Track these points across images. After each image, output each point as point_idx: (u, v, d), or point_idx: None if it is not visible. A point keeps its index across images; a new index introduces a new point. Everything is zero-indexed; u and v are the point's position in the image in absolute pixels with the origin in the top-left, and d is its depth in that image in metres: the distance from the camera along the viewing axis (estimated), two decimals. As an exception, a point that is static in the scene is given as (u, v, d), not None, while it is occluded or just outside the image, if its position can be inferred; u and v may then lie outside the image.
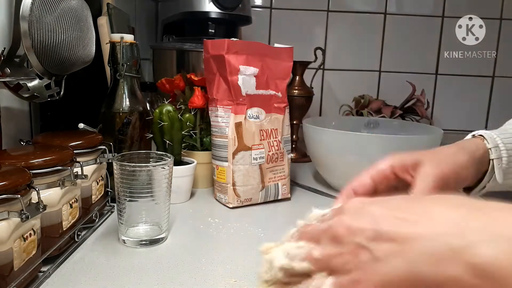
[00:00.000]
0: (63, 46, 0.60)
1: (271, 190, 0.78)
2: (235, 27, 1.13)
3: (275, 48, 0.81)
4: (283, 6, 1.35)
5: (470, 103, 1.42)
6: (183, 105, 0.82)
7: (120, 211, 0.59)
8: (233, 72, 0.74)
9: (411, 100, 1.24)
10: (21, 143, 0.62)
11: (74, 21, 0.62)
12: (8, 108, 0.68)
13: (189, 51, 0.99)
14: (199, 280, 0.50)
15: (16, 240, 0.43)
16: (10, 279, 0.42)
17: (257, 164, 0.76)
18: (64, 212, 0.54)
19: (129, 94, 0.74)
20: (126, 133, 0.73)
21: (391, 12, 1.36)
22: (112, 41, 0.73)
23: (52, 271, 0.50)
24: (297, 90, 1.10)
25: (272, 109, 0.79)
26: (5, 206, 0.41)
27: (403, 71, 1.39)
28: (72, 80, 0.68)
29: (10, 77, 0.60)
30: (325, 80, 1.40)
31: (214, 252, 0.58)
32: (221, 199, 0.77)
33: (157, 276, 0.51)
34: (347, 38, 1.38)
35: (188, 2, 1.04)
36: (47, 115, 0.76)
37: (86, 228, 0.62)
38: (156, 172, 0.59)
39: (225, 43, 0.73)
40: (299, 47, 0.93)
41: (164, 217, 0.61)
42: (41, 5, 0.56)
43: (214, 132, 0.78)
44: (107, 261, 0.54)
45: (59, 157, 0.52)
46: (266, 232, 0.65)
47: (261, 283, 0.35)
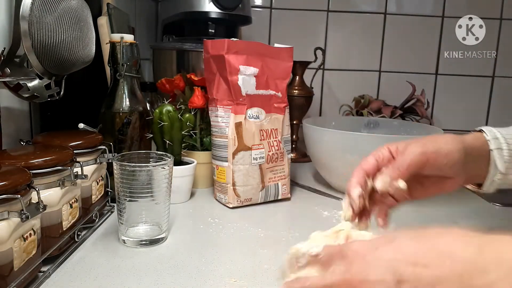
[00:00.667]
0: (63, 46, 0.60)
1: (271, 190, 0.78)
2: (235, 27, 1.13)
3: (275, 48, 0.81)
4: (283, 6, 1.35)
5: (470, 103, 1.42)
6: (183, 105, 0.82)
7: (120, 211, 0.59)
8: (233, 72, 0.74)
9: (411, 100, 1.24)
10: (21, 143, 0.62)
11: (74, 21, 0.62)
12: (8, 108, 0.68)
13: (189, 51, 0.99)
14: (199, 280, 0.50)
15: (16, 240, 0.43)
16: (10, 279, 0.42)
17: (257, 164, 0.76)
18: (64, 212, 0.54)
19: (129, 94, 0.74)
20: (126, 133, 0.73)
21: (391, 12, 1.36)
22: (112, 41, 0.73)
23: (52, 271, 0.50)
24: (297, 90, 1.10)
25: (272, 109, 0.79)
26: (5, 206, 0.41)
27: (403, 71, 1.39)
28: (72, 80, 0.68)
29: (10, 77, 0.60)
30: (325, 80, 1.40)
31: (214, 252, 0.58)
32: (221, 199, 0.77)
33: (157, 276, 0.51)
34: (347, 38, 1.38)
35: (188, 2, 1.04)
36: (47, 115, 0.76)
37: (86, 228, 0.62)
38: (156, 172, 0.59)
39: (225, 43, 0.73)
40: (299, 47, 0.93)
41: (164, 217, 0.61)
42: (41, 5, 0.56)
43: (214, 132, 0.78)
44: (107, 261, 0.54)
45: (59, 157, 0.52)
46: (266, 232, 0.65)
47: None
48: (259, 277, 0.51)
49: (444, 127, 1.22)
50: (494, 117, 1.43)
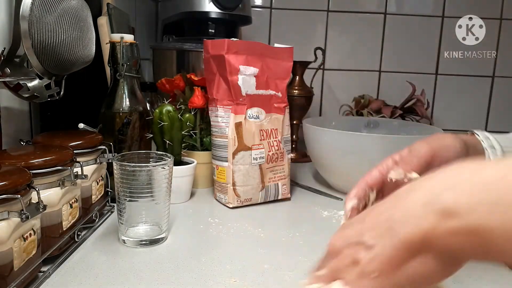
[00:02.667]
0: (63, 46, 0.60)
1: (271, 190, 0.78)
2: (235, 27, 1.13)
3: (275, 48, 0.81)
4: (283, 6, 1.35)
5: (470, 103, 1.42)
6: (183, 105, 0.82)
7: (120, 211, 0.59)
8: (233, 72, 0.74)
9: (411, 100, 1.24)
10: (21, 143, 0.62)
11: (74, 21, 0.62)
12: (8, 108, 0.68)
13: (189, 51, 0.99)
14: (199, 280, 0.50)
15: (16, 240, 0.43)
16: (10, 279, 0.42)
17: (257, 164, 0.76)
18: (64, 212, 0.54)
19: (129, 94, 0.74)
20: (126, 133, 0.73)
21: (391, 12, 1.36)
22: (112, 41, 0.73)
23: (52, 271, 0.50)
24: (297, 90, 1.10)
25: (272, 109, 0.79)
26: (5, 206, 0.41)
27: (403, 71, 1.39)
28: (72, 80, 0.68)
29: (10, 77, 0.60)
30: (325, 80, 1.40)
31: (214, 252, 0.58)
32: (221, 199, 0.77)
33: (157, 276, 0.51)
34: (347, 38, 1.38)
35: (188, 2, 1.04)
36: (47, 115, 0.76)
37: (86, 228, 0.62)
38: (156, 172, 0.59)
39: (225, 43, 0.73)
40: (299, 47, 0.93)
41: (164, 217, 0.61)
42: (41, 5, 0.56)
43: (214, 132, 0.78)
44: (107, 261, 0.54)
45: (59, 157, 0.52)
46: (266, 232, 0.65)
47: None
48: (259, 277, 0.51)
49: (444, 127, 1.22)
50: (494, 117, 1.43)
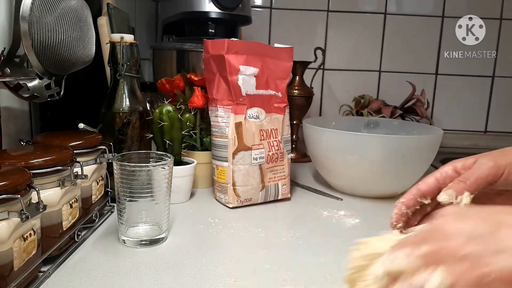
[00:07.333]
0: (63, 46, 0.60)
1: (271, 190, 0.78)
2: (235, 27, 1.13)
3: (275, 48, 0.81)
4: (283, 6, 1.35)
5: (470, 103, 1.42)
6: (183, 105, 0.82)
7: (120, 211, 0.59)
8: (233, 72, 0.74)
9: (411, 100, 1.24)
10: (21, 143, 0.62)
11: (74, 21, 0.62)
12: (8, 108, 0.68)
13: (189, 51, 0.99)
14: (199, 280, 0.50)
15: (16, 240, 0.43)
16: (10, 279, 0.42)
17: (257, 164, 0.76)
18: (64, 212, 0.54)
19: (129, 94, 0.74)
20: (126, 133, 0.73)
21: (391, 12, 1.36)
22: (112, 41, 0.73)
23: (52, 271, 0.50)
24: (297, 90, 1.10)
25: (272, 109, 0.79)
26: (5, 206, 0.41)
27: (403, 71, 1.39)
28: (72, 80, 0.68)
29: (10, 77, 0.60)
30: (325, 80, 1.40)
31: (214, 252, 0.58)
32: (221, 199, 0.77)
33: (157, 276, 0.51)
34: (347, 38, 1.38)
35: (188, 2, 1.04)
36: (47, 115, 0.76)
37: (86, 228, 0.62)
38: (156, 172, 0.59)
39: (225, 43, 0.73)
40: (299, 47, 0.93)
41: (164, 217, 0.61)
42: (41, 5, 0.56)
43: (214, 132, 0.78)
44: (107, 261, 0.54)
45: (59, 157, 0.52)
46: (266, 232, 0.65)
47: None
48: (259, 277, 0.51)
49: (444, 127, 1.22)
50: (494, 117, 1.43)
